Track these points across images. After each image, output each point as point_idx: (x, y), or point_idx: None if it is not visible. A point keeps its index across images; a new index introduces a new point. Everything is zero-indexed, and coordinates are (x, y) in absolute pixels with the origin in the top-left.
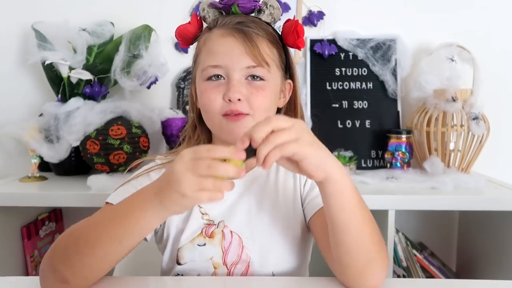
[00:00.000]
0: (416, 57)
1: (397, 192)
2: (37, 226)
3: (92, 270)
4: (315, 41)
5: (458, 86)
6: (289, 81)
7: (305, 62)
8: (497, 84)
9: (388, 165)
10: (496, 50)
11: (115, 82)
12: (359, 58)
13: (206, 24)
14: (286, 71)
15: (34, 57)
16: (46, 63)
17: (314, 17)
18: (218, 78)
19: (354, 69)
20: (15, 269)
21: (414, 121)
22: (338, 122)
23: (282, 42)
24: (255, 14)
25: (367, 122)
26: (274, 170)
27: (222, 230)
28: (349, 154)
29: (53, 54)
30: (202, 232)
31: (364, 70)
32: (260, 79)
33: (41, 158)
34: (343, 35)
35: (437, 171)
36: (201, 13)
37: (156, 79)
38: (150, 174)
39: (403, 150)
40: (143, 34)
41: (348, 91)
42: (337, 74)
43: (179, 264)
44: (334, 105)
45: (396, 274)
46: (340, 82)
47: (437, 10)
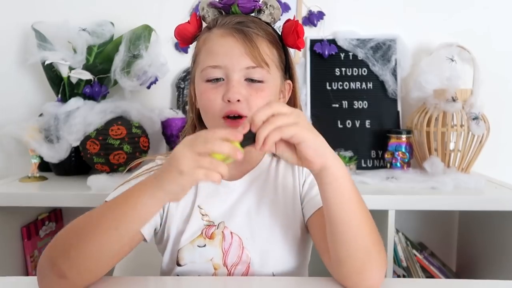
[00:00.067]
0: (416, 57)
1: (397, 192)
2: (37, 226)
3: (89, 263)
4: (315, 41)
5: (458, 86)
6: (288, 81)
7: (305, 62)
8: (497, 84)
9: (388, 165)
10: (496, 50)
11: (115, 82)
12: (359, 58)
13: (206, 23)
14: (286, 72)
15: (34, 57)
16: (46, 63)
17: (314, 17)
18: (217, 80)
19: (354, 69)
20: (15, 269)
21: (414, 121)
22: (338, 122)
23: (282, 43)
24: (255, 14)
25: (367, 122)
26: (273, 170)
27: (222, 231)
28: (349, 154)
29: (53, 54)
30: (202, 233)
31: (364, 70)
32: (259, 81)
33: (41, 158)
34: (343, 35)
35: (437, 171)
36: (200, 12)
37: (156, 79)
38: (150, 174)
39: (403, 150)
40: (143, 34)
41: (348, 91)
42: (337, 74)
43: (179, 265)
44: (334, 105)
45: (396, 274)
46: (340, 82)
47: (437, 10)
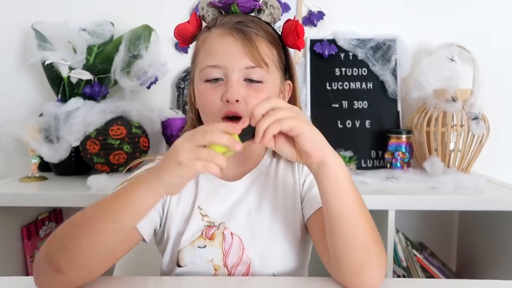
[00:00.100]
0: (416, 57)
1: (397, 192)
2: (37, 226)
3: (85, 257)
4: (315, 41)
5: (458, 86)
6: (288, 82)
7: (305, 62)
8: (497, 84)
9: (388, 165)
10: (496, 50)
11: (115, 82)
12: (359, 58)
13: (206, 23)
14: (286, 72)
15: (34, 57)
16: (46, 63)
17: (314, 17)
18: (216, 80)
19: (354, 69)
20: (15, 269)
21: (414, 121)
22: (338, 122)
23: (282, 43)
24: (255, 13)
25: (367, 122)
26: (273, 170)
27: (223, 232)
28: (349, 154)
29: (53, 54)
30: (202, 234)
31: (364, 70)
32: (258, 82)
33: (41, 158)
34: (343, 35)
35: (437, 171)
36: (200, 12)
37: (156, 79)
38: None
39: (403, 150)
40: (143, 34)
41: (348, 91)
42: (337, 74)
43: (180, 266)
44: (334, 105)
45: (396, 274)
46: (340, 82)
47: (437, 10)
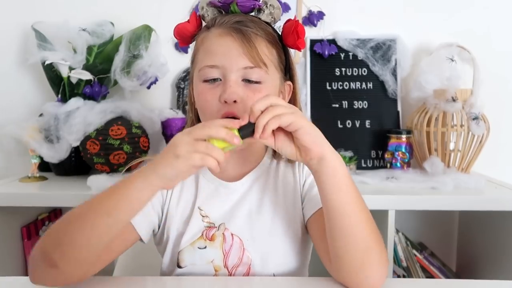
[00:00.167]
0: (416, 57)
1: (397, 192)
2: (37, 226)
3: (80, 251)
4: (315, 41)
5: (458, 86)
6: (288, 82)
7: (305, 62)
8: (497, 84)
9: (388, 165)
10: (496, 50)
11: (115, 82)
12: (359, 58)
13: (206, 23)
14: (286, 72)
15: (34, 57)
16: (46, 63)
17: (314, 17)
18: (215, 81)
19: (354, 69)
20: (15, 269)
21: (414, 121)
22: (338, 122)
23: (282, 43)
24: (255, 13)
25: (367, 122)
26: (273, 171)
27: (223, 233)
28: (349, 154)
29: (53, 54)
30: (202, 235)
31: (364, 70)
32: (256, 82)
33: (41, 158)
34: (343, 35)
35: (437, 171)
36: (200, 11)
37: (156, 79)
38: None
39: (403, 150)
40: (143, 34)
41: (348, 91)
42: (337, 74)
43: (180, 267)
44: (334, 105)
45: (396, 274)
46: (340, 82)
47: (437, 10)
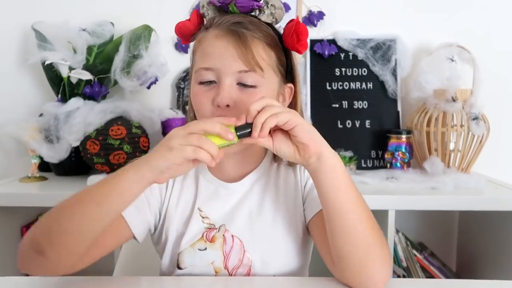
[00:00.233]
0: (416, 57)
1: (397, 192)
2: None
3: (69, 239)
4: (315, 41)
5: (458, 86)
6: (289, 85)
7: (305, 62)
8: (497, 84)
9: (388, 165)
10: (496, 50)
11: (115, 82)
12: (359, 58)
13: (206, 22)
14: (287, 75)
15: (34, 57)
16: (46, 63)
17: (314, 17)
18: (210, 83)
19: (354, 69)
20: (15, 269)
21: (414, 121)
22: (338, 122)
23: (284, 45)
24: (255, 13)
25: (367, 122)
26: (274, 172)
27: (223, 234)
28: (349, 154)
29: (53, 54)
30: (203, 236)
31: (364, 70)
32: (252, 86)
33: (41, 158)
34: (343, 35)
35: (437, 171)
36: (201, 10)
37: (156, 79)
38: None
39: (403, 150)
40: (143, 34)
41: (348, 91)
42: (337, 74)
43: (180, 268)
44: (334, 105)
45: (396, 274)
46: (340, 82)
47: (437, 10)
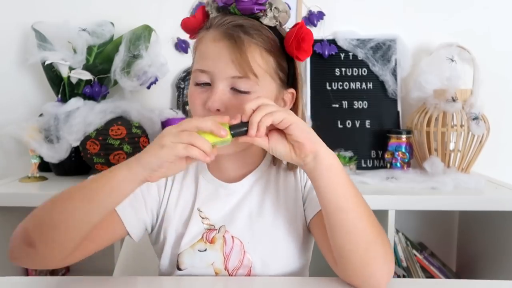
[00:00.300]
0: (416, 57)
1: (397, 192)
2: None
3: (59, 232)
4: (315, 41)
5: (458, 86)
6: (290, 90)
7: (305, 62)
8: (497, 84)
9: (388, 165)
10: (496, 50)
11: (115, 82)
12: (359, 58)
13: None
14: (289, 80)
15: (34, 57)
16: (46, 63)
17: (314, 17)
18: (206, 85)
19: (354, 69)
20: (15, 269)
21: (414, 121)
22: (338, 122)
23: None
24: (259, 15)
25: (367, 122)
26: (274, 172)
27: (223, 235)
28: (349, 154)
29: (53, 54)
30: (202, 237)
31: (364, 70)
32: (245, 92)
33: (41, 158)
34: (343, 35)
35: (437, 171)
36: (206, 7)
37: (156, 79)
38: None
39: (403, 150)
40: (143, 34)
41: (348, 91)
42: (337, 74)
43: (179, 269)
44: (334, 105)
45: (396, 274)
46: (340, 82)
47: (437, 10)
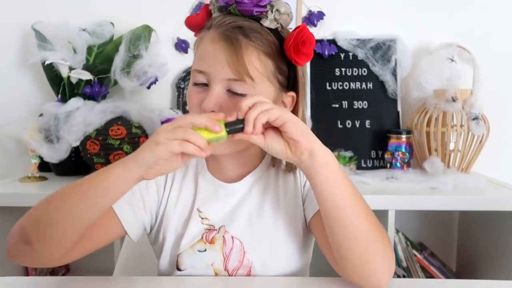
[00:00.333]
0: (416, 57)
1: (397, 192)
2: None
3: (56, 230)
4: (315, 41)
5: (458, 86)
6: (291, 93)
7: None
8: (497, 84)
9: (388, 165)
10: (496, 50)
11: (115, 82)
12: (359, 58)
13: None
14: (289, 83)
15: (34, 57)
16: (46, 63)
17: (314, 17)
18: (204, 85)
19: (354, 69)
20: (15, 269)
21: (414, 121)
22: (338, 122)
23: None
24: (259, 16)
25: (367, 122)
26: (274, 172)
27: (223, 236)
28: (349, 154)
29: (53, 54)
30: (202, 237)
31: (364, 70)
32: (241, 95)
33: (41, 158)
34: (343, 35)
35: (437, 171)
36: (210, 6)
37: (156, 79)
38: None
39: (403, 150)
40: (143, 34)
41: (348, 91)
42: (337, 74)
43: (179, 269)
44: (334, 105)
45: (396, 274)
46: (340, 82)
47: (437, 10)
